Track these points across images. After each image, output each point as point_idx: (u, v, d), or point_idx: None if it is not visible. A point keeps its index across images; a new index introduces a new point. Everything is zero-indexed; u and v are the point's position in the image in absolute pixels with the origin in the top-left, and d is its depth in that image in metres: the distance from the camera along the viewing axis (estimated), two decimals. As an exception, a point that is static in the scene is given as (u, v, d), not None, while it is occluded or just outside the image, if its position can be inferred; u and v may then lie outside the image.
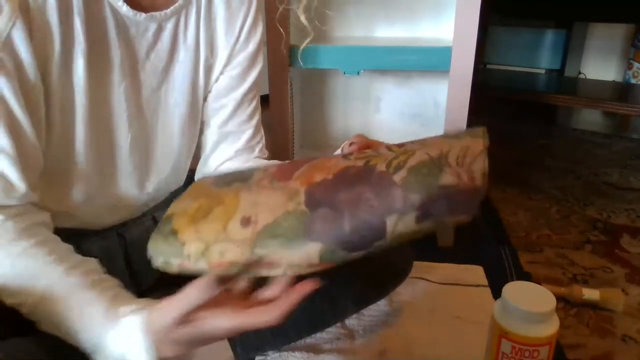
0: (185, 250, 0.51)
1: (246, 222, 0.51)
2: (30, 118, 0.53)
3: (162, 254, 0.52)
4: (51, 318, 0.50)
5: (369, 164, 0.52)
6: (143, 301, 0.51)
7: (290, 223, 0.50)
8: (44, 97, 0.55)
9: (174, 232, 0.52)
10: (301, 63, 1.12)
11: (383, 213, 0.49)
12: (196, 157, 0.78)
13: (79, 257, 0.55)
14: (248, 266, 0.49)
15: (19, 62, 0.51)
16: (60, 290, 0.50)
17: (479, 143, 0.50)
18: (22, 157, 0.53)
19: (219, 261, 0.50)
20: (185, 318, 0.46)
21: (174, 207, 0.56)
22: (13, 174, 0.53)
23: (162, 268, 0.51)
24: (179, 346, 0.48)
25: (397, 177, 0.50)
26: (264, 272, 0.50)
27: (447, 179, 0.48)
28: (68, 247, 0.56)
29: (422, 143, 0.54)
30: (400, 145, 0.55)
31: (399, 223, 0.48)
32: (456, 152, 0.50)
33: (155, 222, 0.75)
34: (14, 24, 0.50)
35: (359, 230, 0.49)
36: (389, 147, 0.55)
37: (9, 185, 0.53)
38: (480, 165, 0.49)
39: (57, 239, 0.56)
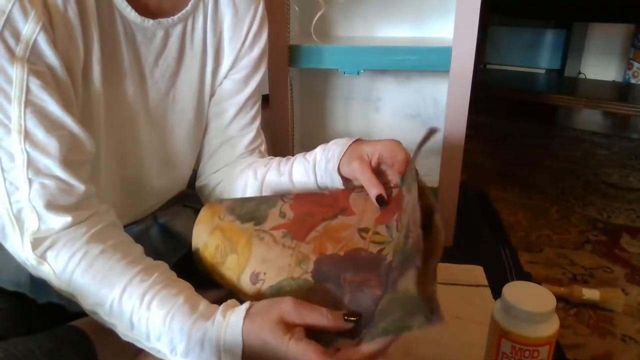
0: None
1: (255, 278, 0.55)
2: (71, 116, 0.53)
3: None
4: (129, 319, 0.50)
5: (382, 253, 0.53)
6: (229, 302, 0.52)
7: (292, 289, 0.53)
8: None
9: (207, 273, 0.59)
10: (314, 37, 1.12)
11: (380, 299, 0.49)
12: (197, 160, 0.78)
13: (150, 259, 0.55)
14: None
15: (49, 66, 0.52)
16: (138, 291, 0.50)
17: (415, 190, 0.50)
18: (71, 155, 0.53)
19: None
20: (289, 319, 0.48)
21: (196, 239, 0.61)
22: (64, 175, 0.53)
23: None
24: (263, 346, 0.48)
25: (395, 262, 0.51)
26: None
27: (410, 242, 0.48)
28: (140, 249, 0.56)
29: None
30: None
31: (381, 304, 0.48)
32: (413, 212, 0.49)
33: (156, 221, 0.75)
34: (40, 29, 0.50)
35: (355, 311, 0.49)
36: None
37: (66, 185, 0.53)
38: (417, 212, 0.48)
39: (130, 240, 0.57)
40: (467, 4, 1.03)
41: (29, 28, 0.49)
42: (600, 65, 2.36)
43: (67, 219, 0.52)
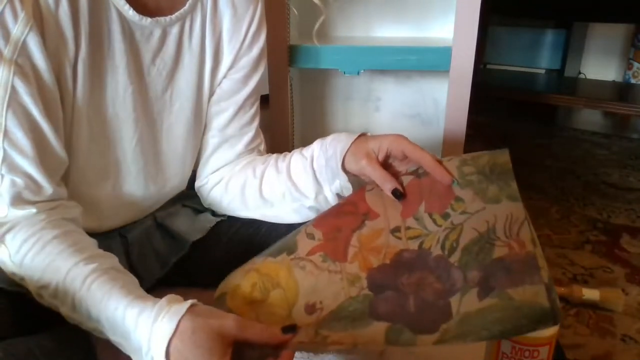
0: None
1: (311, 309, 0.54)
2: (49, 122, 0.55)
3: None
4: (72, 300, 0.51)
5: (423, 246, 0.55)
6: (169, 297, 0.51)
7: (355, 307, 0.53)
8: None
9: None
10: (315, 41, 1.12)
11: (446, 294, 0.50)
12: (196, 160, 0.78)
13: (101, 251, 0.56)
14: (315, 345, 0.51)
15: (36, 68, 0.53)
16: (82, 274, 0.51)
17: (519, 209, 0.53)
18: (44, 159, 0.55)
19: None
20: (228, 335, 0.48)
21: (224, 286, 0.59)
22: (38, 175, 0.55)
23: None
24: (191, 349, 0.47)
25: (454, 259, 0.52)
26: (332, 349, 0.52)
27: (500, 251, 0.50)
28: (92, 241, 0.57)
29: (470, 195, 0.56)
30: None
31: (462, 302, 0.49)
32: (502, 223, 0.52)
33: (156, 221, 0.75)
34: (29, 31, 0.51)
35: (425, 311, 0.50)
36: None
37: (35, 185, 0.55)
38: (527, 232, 0.51)
39: (82, 232, 0.58)
40: (467, 4, 1.02)
41: (18, 29, 0.50)
42: (600, 65, 2.36)
43: (31, 210, 0.55)
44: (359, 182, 0.66)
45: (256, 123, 0.77)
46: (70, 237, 0.55)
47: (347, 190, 0.66)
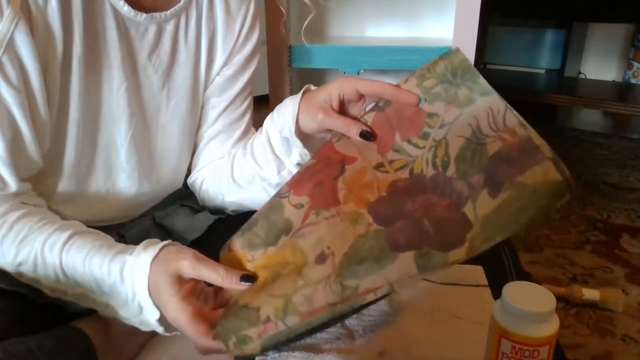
0: (262, 314, 0.49)
1: (321, 258, 0.50)
2: (29, 123, 0.54)
3: (234, 332, 0.50)
4: (53, 270, 0.52)
5: (414, 173, 0.52)
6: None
7: (371, 244, 0.50)
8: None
9: (245, 306, 0.51)
10: (304, 40, 1.11)
11: (458, 206, 0.48)
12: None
13: (68, 221, 0.57)
14: (349, 300, 0.48)
15: (22, 66, 0.52)
16: (58, 242, 0.52)
17: (496, 100, 0.51)
18: (17, 159, 0.55)
19: (312, 308, 0.49)
20: (186, 274, 0.50)
21: (235, 294, 0.54)
22: (6, 173, 0.55)
23: (239, 349, 0.49)
24: (157, 294, 0.50)
25: (450, 172, 0.50)
26: (367, 299, 0.48)
27: (493, 147, 0.49)
28: (58, 217, 0.58)
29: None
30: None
31: (477, 207, 0.47)
32: (485, 120, 0.50)
33: (155, 222, 0.75)
34: (16, 26, 0.50)
35: (444, 229, 0.48)
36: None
37: (1, 183, 0.55)
38: (513, 118, 0.49)
39: (46, 209, 0.59)
40: (467, 4, 1.03)
41: (4, 26, 0.50)
42: (600, 65, 2.36)
43: None
44: (318, 143, 0.62)
45: (247, 119, 0.76)
46: (36, 214, 0.55)
47: (307, 156, 0.63)
